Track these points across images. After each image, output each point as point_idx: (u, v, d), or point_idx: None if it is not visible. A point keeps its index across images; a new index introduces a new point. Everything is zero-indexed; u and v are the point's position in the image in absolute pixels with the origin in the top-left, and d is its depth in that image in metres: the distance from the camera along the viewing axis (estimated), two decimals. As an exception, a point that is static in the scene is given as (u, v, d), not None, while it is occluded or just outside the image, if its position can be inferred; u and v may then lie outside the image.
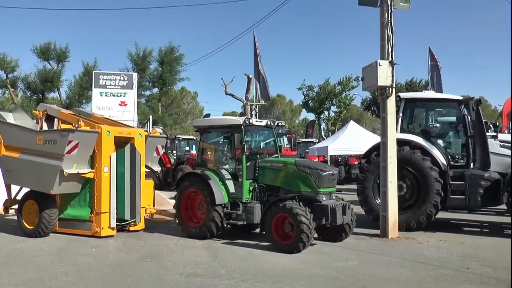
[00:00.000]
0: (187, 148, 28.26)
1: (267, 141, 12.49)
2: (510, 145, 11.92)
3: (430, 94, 13.61)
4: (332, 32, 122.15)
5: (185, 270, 7.80)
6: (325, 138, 37.13)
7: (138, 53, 42.43)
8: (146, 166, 12.09)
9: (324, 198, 9.48)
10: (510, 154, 11.55)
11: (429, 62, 30.17)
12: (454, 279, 7.31)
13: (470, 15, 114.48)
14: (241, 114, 33.42)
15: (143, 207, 11.57)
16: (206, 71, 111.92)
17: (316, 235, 9.68)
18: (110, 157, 10.90)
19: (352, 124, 27.43)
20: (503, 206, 11.70)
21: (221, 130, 11.49)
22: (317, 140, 35.09)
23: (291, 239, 9.04)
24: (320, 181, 9.52)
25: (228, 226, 11.00)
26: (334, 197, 9.94)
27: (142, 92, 44.26)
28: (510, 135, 15.63)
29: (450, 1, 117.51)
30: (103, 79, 30.52)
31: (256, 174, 10.39)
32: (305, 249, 8.99)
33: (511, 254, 8.13)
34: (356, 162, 26.36)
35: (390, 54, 10.86)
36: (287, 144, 24.50)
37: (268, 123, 11.40)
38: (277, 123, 11.70)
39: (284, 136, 25.95)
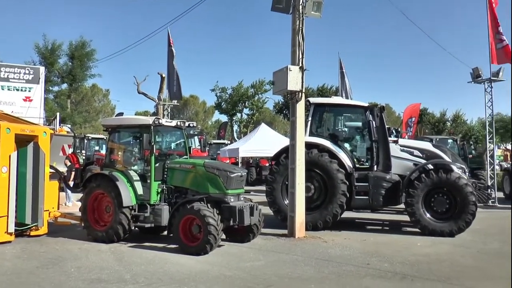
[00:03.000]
0: (96, 148, 27.36)
1: (178, 142, 12.36)
2: (409, 149, 12.69)
3: (338, 100, 14.18)
4: (247, 36, 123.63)
5: (89, 276, 7.51)
6: (237, 140, 37.40)
7: (47, 45, 40.42)
8: (51, 167, 11.50)
9: (232, 200, 9.55)
10: (409, 158, 12.33)
11: (339, 70, 31.32)
12: (355, 275, 7.68)
13: (378, 27, 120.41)
14: (154, 114, 32.82)
15: (46, 210, 10.96)
16: (119, 69, 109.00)
17: (224, 236, 9.74)
18: (10, 156, 10.24)
19: (263, 127, 27.84)
20: (402, 206, 12.41)
21: (130, 130, 11.20)
22: (229, 142, 35.27)
23: (198, 240, 9.01)
24: (229, 182, 9.58)
25: (136, 228, 10.75)
26: (242, 199, 10.04)
27: (50, 88, 42.16)
28: (409, 140, 16.60)
29: (361, 13, 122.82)
30: (5, 71, 28.54)
31: (165, 176, 10.25)
32: (212, 251, 9.00)
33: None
34: (267, 164, 26.79)
35: (300, 60, 11.17)
36: (198, 145, 24.41)
37: (178, 123, 11.29)
38: (188, 124, 11.63)
39: (195, 137, 25.86)
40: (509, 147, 55.69)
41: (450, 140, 26.98)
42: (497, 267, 8.52)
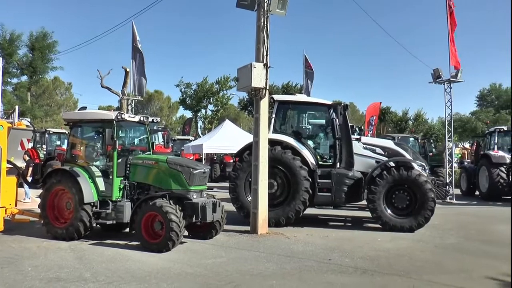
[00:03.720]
0: (58, 143, 26.76)
1: (141, 137, 12.23)
2: (371, 147, 12.91)
3: (302, 97, 14.24)
4: (212, 32, 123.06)
5: (47, 275, 7.33)
6: (201, 136, 37.25)
7: (4, 35, 39.31)
8: (8, 162, 11.17)
9: (194, 196, 9.51)
10: (372, 156, 12.55)
11: (304, 68, 31.54)
12: (316, 270, 7.78)
13: (344, 27, 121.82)
14: (118, 109, 32.28)
15: (2, 207, 10.67)
16: (82, 62, 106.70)
17: (186, 233, 9.70)
18: (-37, 151, 9.93)
19: (227, 123, 27.80)
20: (364, 202, 12.62)
21: (92, 125, 11.00)
22: (193, 138, 35.10)
23: (160, 237, 8.94)
24: (191, 179, 9.52)
25: (97, 226, 10.60)
26: (205, 195, 10.00)
27: (9, 80, 40.95)
28: (371, 138, 16.88)
29: (327, 12, 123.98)
30: (-43, 62, 27.63)
31: (127, 172, 10.11)
32: (174, 248, 8.95)
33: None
34: (231, 161, 26.82)
35: (265, 57, 11.20)
36: (162, 141, 24.21)
37: (142, 119, 11.16)
38: (152, 120, 11.52)
39: (159, 133, 25.62)
40: (467, 145, 57.28)
41: (411, 139, 27.65)
42: (454, 261, 8.78)
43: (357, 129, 19.11)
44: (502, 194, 20.97)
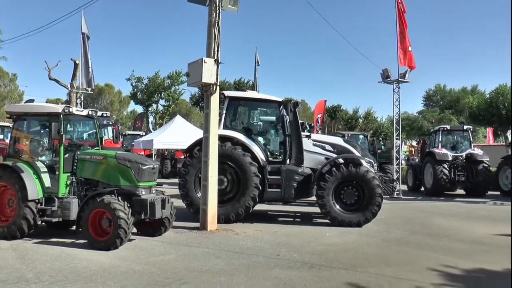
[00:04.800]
0: (1, 137, 25.76)
1: (89, 132, 11.94)
2: (321, 144, 13.11)
3: (252, 94, 14.33)
4: (165, 26, 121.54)
5: (-16, 276, 7.01)
6: (152, 131, 36.79)
7: None
8: None
9: (143, 192, 9.36)
10: (321, 152, 12.75)
11: (256, 65, 31.64)
12: (265, 266, 7.83)
13: (297, 26, 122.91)
14: (66, 102, 31.43)
15: None
16: (28, 52, 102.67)
17: (134, 230, 9.56)
18: None
19: (178, 119, 27.58)
20: (314, 198, 12.80)
21: (38, 118, 10.62)
22: (144, 133, 34.61)
23: (108, 235, 8.76)
24: (140, 175, 9.37)
25: (43, 223, 10.26)
26: (154, 191, 9.86)
27: None
28: (321, 135, 17.15)
29: (280, 10, 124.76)
30: None
31: (75, 167, 9.85)
32: (122, 245, 8.80)
33: None
34: (182, 156, 26.58)
35: (216, 52, 11.16)
36: (112, 136, 23.77)
37: (90, 113, 10.88)
38: (102, 114, 11.27)
39: (109, 128, 25.11)
40: (414, 143, 59.16)
41: (361, 136, 28.32)
42: (398, 254, 9.07)
43: (307, 126, 19.40)
44: (444, 189, 21.98)
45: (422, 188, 23.71)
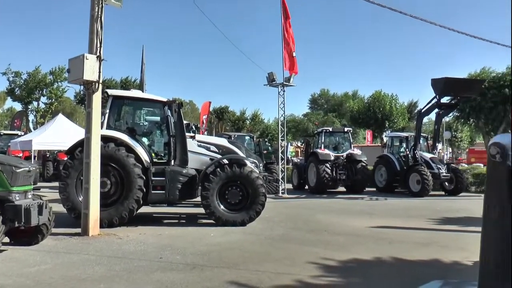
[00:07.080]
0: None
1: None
2: (206, 144, 13.20)
3: (137, 93, 13.99)
4: (47, 18, 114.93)
5: None
6: (32, 131, 34.59)
7: None
8: None
9: (17, 198, 8.70)
10: (206, 153, 12.83)
11: (142, 64, 31.01)
12: (146, 270, 7.67)
13: (185, 27, 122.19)
14: None
15: None
16: None
17: (7, 239, 8.87)
18: None
19: (60, 117, 26.07)
20: (199, 199, 12.81)
21: None
22: (23, 133, 32.42)
23: (-25, 246, 8.08)
24: (14, 178, 8.71)
25: None
26: (30, 196, 9.26)
27: None
28: (206, 136, 17.26)
29: (170, 11, 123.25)
30: None
31: None
32: (-9, 257, 8.17)
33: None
34: (65, 158, 25.27)
35: (98, 49, 10.77)
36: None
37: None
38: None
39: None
40: (299, 144, 61.62)
41: (247, 137, 28.94)
42: (280, 250, 9.39)
43: (193, 127, 19.41)
44: (327, 187, 23.40)
45: (307, 187, 24.86)
